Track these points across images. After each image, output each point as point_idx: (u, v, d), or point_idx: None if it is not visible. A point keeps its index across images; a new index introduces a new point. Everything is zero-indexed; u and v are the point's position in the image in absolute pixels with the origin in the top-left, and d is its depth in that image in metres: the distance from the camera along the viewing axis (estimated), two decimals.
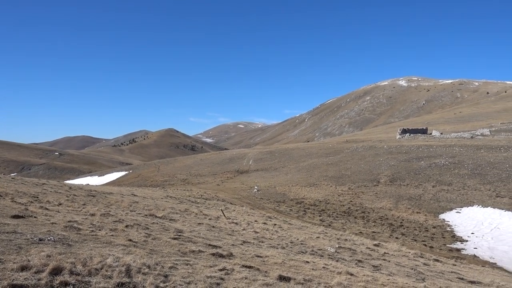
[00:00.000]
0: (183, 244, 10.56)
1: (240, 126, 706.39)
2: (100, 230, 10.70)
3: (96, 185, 46.29)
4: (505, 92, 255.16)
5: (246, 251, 11.30)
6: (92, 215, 13.58)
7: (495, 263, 28.32)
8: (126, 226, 12.05)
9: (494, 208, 39.09)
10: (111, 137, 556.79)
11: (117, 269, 6.90)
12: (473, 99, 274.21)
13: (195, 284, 6.92)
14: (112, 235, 10.23)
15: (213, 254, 9.76)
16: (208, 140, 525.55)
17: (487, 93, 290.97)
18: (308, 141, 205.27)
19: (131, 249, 8.83)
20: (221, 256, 9.74)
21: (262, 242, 14.48)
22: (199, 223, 17.11)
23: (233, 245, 12.20)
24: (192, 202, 30.58)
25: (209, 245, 11.13)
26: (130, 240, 9.94)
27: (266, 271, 8.64)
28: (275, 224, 23.03)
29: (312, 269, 9.88)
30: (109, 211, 15.66)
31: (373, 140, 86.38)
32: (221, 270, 8.15)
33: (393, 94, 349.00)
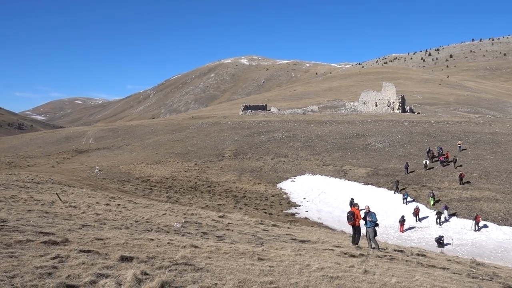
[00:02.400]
0: (7, 234, 9.27)
1: (78, 102, 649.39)
2: None
3: None
4: (330, 73, 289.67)
5: (84, 235, 10.52)
6: None
7: (322, 223, 32.43)
8: None
9: (321, 175, 44.48)
10: None
11: None
12: (305, 78, 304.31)
13: (21, 277, 6.14)
14: None
15: (44, 242, 8.81)
16: (40, 117, 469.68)
17: (316, 73, 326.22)
18: (154, 118, 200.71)
19: None
20: (55, 243, 8.86)
21: (104, 224, 13.71)
22: (29, 210, 15.28)
23: (69, 230, 11.24)
24: (21, 187, 27.12)
25: (40, 232, 10.01)
26: None
27: (106, 254, 8.20)
28: (119, 205, 22.04)
29: (157, 246, 9.76)
30: None
31: (218, 116, 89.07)
32: (54, 258, 7.41)
33: (236, 72, 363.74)
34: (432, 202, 34.27)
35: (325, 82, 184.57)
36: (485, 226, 30.02)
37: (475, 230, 29.63)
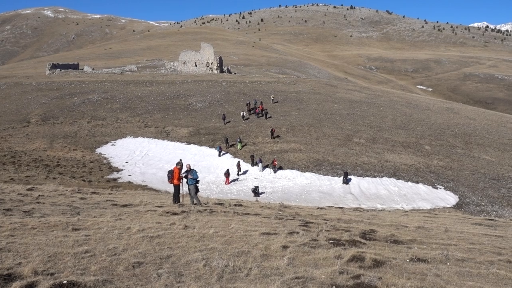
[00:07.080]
0: None
1: None
2: None
3: None
4: (149, 31, 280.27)
5: None
6: None
7: (146, 185, 32.11)
8: None
9: (143, 137, 43.53)
10: None
11: None
12: (122, 36, 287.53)
13: None
14: None
15: None
16: None
17: (134, 31, 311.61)
18: None
19: None
20: None
21: None
22: None
23: None
24: None
25: None
26: None
27: None
28: None
29: None
30: None
31: (19, 76, 77.55)
32: None
33: (39, 25, 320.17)
34: (239, 147, 38.99)
35: (144, 41, 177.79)
36: (281, 168, 34.93)
37: (274, 172, 34.30)
